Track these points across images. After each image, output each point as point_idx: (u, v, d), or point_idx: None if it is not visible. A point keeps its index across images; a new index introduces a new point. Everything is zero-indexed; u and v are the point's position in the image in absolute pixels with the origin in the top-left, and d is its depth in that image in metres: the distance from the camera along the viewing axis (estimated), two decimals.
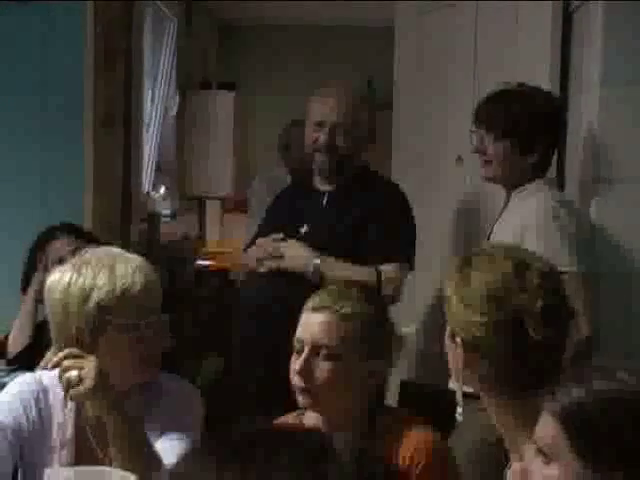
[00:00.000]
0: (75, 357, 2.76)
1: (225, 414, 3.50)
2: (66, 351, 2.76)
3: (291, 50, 9.19)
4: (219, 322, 5.74)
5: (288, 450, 1.13)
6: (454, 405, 2.69)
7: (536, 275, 2.49)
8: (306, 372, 2.95)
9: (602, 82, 4.31)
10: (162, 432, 2.91)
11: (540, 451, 1.88)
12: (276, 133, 8.00)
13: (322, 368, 2.95)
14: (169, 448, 2.84)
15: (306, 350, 2.96)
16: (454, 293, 2.54)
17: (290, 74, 8.65)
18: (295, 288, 3.78)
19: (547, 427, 1.87)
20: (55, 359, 2.76)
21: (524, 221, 3.88)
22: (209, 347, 5.63)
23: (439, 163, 4.81)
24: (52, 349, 2.92)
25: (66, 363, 2.71)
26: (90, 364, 2.72)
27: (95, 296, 2.83)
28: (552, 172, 4.51)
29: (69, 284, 2.86)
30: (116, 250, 3.00)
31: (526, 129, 3.98)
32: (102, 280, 2.84)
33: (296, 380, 2.96)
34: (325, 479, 1.04)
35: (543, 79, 4.52)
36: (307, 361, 2.95)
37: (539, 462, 1.88)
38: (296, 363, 2.97)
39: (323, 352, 2.95)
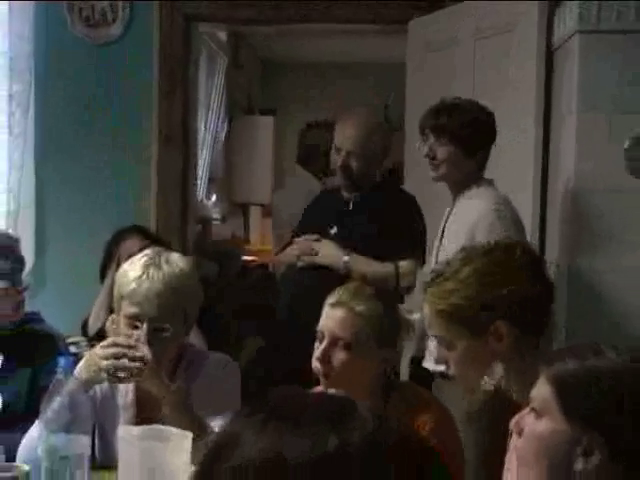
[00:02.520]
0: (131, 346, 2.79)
1: (261, 388, 3.50)
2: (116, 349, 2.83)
3: (321, 81, 9.19)
4: (260, 307, 5.73)
5: (318, 407, 1.12)
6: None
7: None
8: (324, 359, 2.98)
9: (579, 106, 4.32)
10: (206, 400, 2.93)
11: (533, 408, 1.90)
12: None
13: (338, 357, 2.97)
14: (213, 414, 2.87)
15: (325, 341, 2.99)
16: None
17: (320, 101, 8.62)
18: (325, 280, 3.76)
19: (542, 389, 1.89)
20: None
21: (474, 219, 3.86)
22: (250, 328, 5.61)
23: None
24: (122, 325, 2.96)
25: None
26: (144, 349, 2.80)
27: (119, 289, 2.95)
28: (536, 179, 4.54)
29: (120, 276, 2.98)
30: (159, 257, 3.01)
31: (469, 136, 3.95)
32: (125, 276, 2.93)
33: (316, 365, 2.99)
34: (352, 433, 1.03)
35: (531, 104, 4.51)
36: (325, 350, 2.98)
37: (531, 417, 1.91)
38: (317, 351, 3.00)
39: (339, 343, 2.97)
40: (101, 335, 4.26)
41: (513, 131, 4.19)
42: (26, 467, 2.46)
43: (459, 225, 3.94)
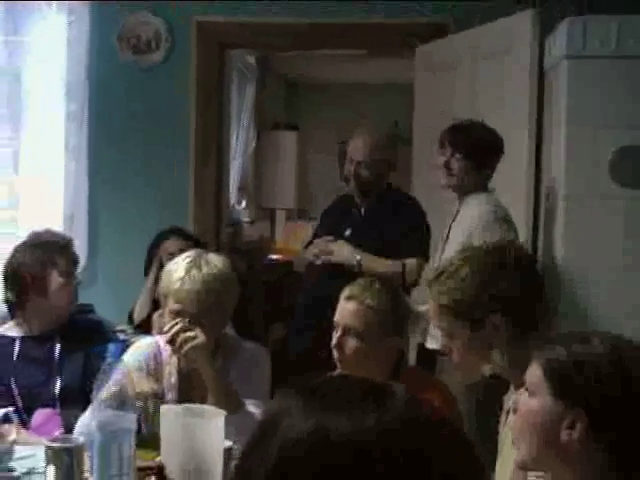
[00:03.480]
0: (186, 329, 2.79)
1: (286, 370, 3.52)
2: (181, 324, 2.83)
3: (338, 100, 9.17)
4: (283, 299, 5.73)
5: (357, 387, 1.12)
6: None
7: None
8: (339, 346, 3.01)
9: (567, 122, 4.32)
10: (241, 381, 2.94)
11: (527, 388, 1.93)
12: (327, 162, 8.00)
13: (350, 345, 3.00)
14: (246, 393, 2.88)
15: (339, 330, 3.00)
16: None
17: (338, 117, 8.62)
18: (340, 276, 3.77)
19: (534, 371, 1.91)
20: (173, 330, 2.85)
21: (474, 221, 3.95)
22: (275, 318, 5.62)
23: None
24: (166, 318, 2.96)
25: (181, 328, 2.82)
26: (198, 331, 2.80)
27: (165, 287, 2.98)
28: (530, 185, 4.54)
29: (166, 275, 3.01)
30: (199, 259, 3.01)
31: (481, 153, 4.07)
32: (170, 276, 2.96)
33: (334, 351, 3.01)
34: (388, 411, 1.03)
35: (524, 119, 4.50)
36: (340, 338, 3.01)
37: (525, 395, 1.93)
38: (334, 338, 3.01)
39: (352, 332, 2.99)
40: (144, 324, 4.30)
41: (509, 142, 4.18)
42: (81, 439, 2.48)
43: (461, 225, 4.01)
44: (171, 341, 2.87)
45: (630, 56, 4.22)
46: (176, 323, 2.87)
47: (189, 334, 2.84)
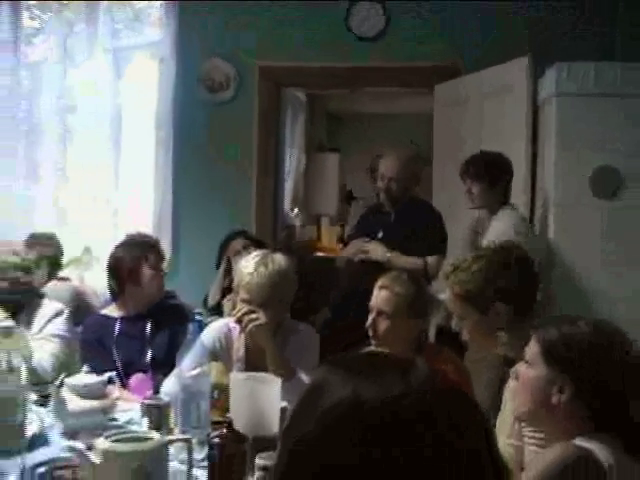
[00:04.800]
0: (252, 311, 2.82)
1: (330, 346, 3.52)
2: (246, 307, 2.85)
3: (371, 127, 9.15)
4: (328, 289, 5.72)
5: (386, 361, 1.13)
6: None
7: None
8: (373, 326, 3.02)
9: (556, 146, 4.32)
10: (294, 354, 2.95)
11: (526, 361, 1.95)
12: (362, 178, 7.99)
13: (382, 325, 3.02)
14: (299, 365, 2.89)
15: (373, 313, 3.02)
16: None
17: (370, 142, 8.60)
18: (374, 271, 3.77)
19: (532, 347, 1.94)
20: (240, 312, 2.87)
21: (500, 232, 3.90)
22: (321, 304, 5.61)
23: (457, 196, 4.78)
24: (238, 305, 2.98)
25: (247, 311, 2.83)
26: (260, 314, 2.81)
27: (238, 279, 2.99)
28: (527, 197, 4.54)
29: (239, 269, 3.01)
30: (266, 258, 3.02)
31: (490, 174, 4.09)
32: (242, 271, 2.97)
33: (369, 330, 3.02)
34: (412, 380, 1.04)
35: (522, 145, 4.49)
36: (374, 320, 3.03)
37: (524, 365, 1.95)
38: (368, 320, 3.03)
39: (383, 315, 3.00)
40: (216, 308, 4.31)
41: None
42: (167, 398, 2.50)
43: (492, 236, 3.96)
44: (239, 321, 2.90)
45: (605, 94, 4.24)
46: (243, 307, 2.90)
47: (253, 316, 2.86)
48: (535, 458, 2.04)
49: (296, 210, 8.36)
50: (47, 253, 4.50)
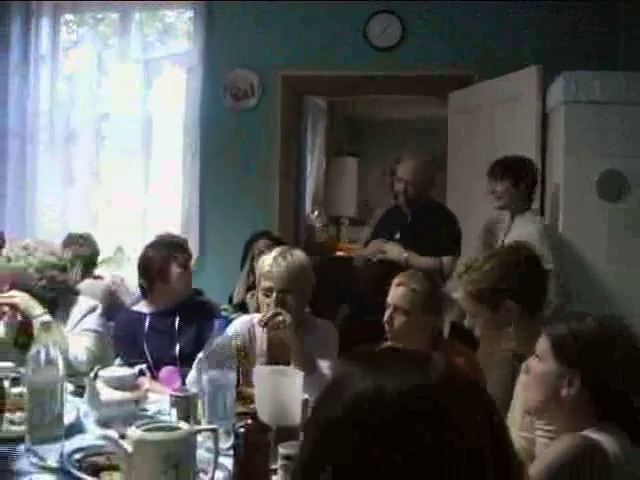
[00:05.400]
0: (277, 313, 2.84)
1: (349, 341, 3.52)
2: (272, 311, 2.87)
3: (389, 132, 9.13)
4: (347, 286, 5.71)
5: (405, 355, 1.13)
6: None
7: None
8: (390, 321, 3.03)
9: (564, 151, 4.32)
10: (315, 348, 2.95)
11: (537, 355, 1.94)
12: (379, 181, 7.98)
13: (398, 320, 3.02)
14: (319, 359, 2.90)
15: (390, 309, 3.02)
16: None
17: (388, 146, 8.58)
18: (391, 270, 3.77)
19: (542, 342, 1.94)
20: (267, 316, 2.88)
21: (525, 237, 3.83)
22: (341, 300, 5.59)
23: (471, 199, 4.78)
24: (259, 295, 3.00)
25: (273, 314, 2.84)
26: (286, 315, 2.83)
27: (259, 271, 3.03)
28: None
29: (260, 262, 3.06)
30: (285, 252, 3.05)
31: (517, 174, 4.05)
32: (262, 263, 3.01)
33: (385, 326, 3.02)
34: (430, 372, 1.04)
35: (532, 150, 4.47)
36: (390, 315, 3.02)
37: (535, 361, 1.95)
38: (385, 315, 3.03)
39: (399, 310, 3.00)
40: (241, 305, 4.32)
41: None
42: (195, 390, 2.51)
43: (514, 239, 3.95)
44: (265, 324, 2.90)
45: (611, 102, 4.23)
46: (268, 311, 2.90)
47: (279, 318, 2.86)
48: (544, 449, 2.03)
49: (316, 212, 8.37)
50: (82, 253, 4.53)
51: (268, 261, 2.99)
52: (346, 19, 5.45)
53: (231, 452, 2.09)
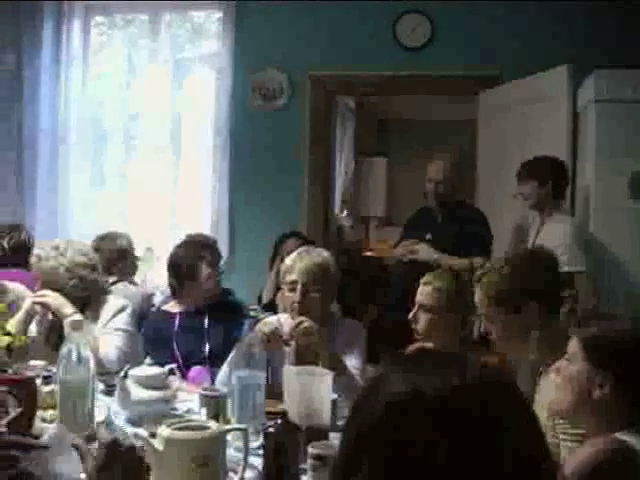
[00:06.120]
0: (300, 322, 2.83)
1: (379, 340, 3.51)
2: (296, 320, 2.86)
3: (418, 132, 9.10)
4: (376, 288, 5.71)
5: (442, 356, 1.16)
6: None
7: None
8: (416, 319, 3.04)
9: (596, 151, 4.30)
10: (343, 348, 2.95)
11: (567, 358, 1.93)
12: (409, 182, 7.95)
13: (422, 318, 3.03)
14: (348, 360, 2.89)
15: (416, 307, 3.04)
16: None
17: (417, 146, 8.55)
18: (421, 270, 3.76)
19: (573, 344, 1.92)
20: (290, 327, 2.87)
21: (557, 239, 3.87)
22: (370, 301, 5.60)
23: (501, 199, 4.75)
24: (285, 291, 3.03)
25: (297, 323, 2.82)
26: (309, 321, 2.82)
27: (284, 268, 3.05)
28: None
29: (285, 261, 3.09)
30: (309, 249, 3.09)
31: (543, 174, 4.06)
32: (286, 261, 3.05)
33: (412, 324, 3.02)
34: (467, 373, 1.05)
35: (563, 150, 4.43)
36: (416, 313, 3.04)
37: (565, 363, 1.93)
38: (411, 314, 3.03)
39: (423, 309, 3.01)
40: (270, 305, 4.33)
41: None
42: (224, 389, 2.52)
43: (546, 240, 3.95)
44: (291, 336, 2.88)
45: None
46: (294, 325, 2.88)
47: (305, 324, 2.82)
48: (570, 453, 2.01)
49: (345, 212, 8.37)
50: (111, 253, 4.54)
51: (292, 257, 3.04)
52: (375, 19, 5.45)
53: (260, 452, 2.10)
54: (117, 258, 4.47)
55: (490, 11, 5.25)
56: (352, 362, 2.89)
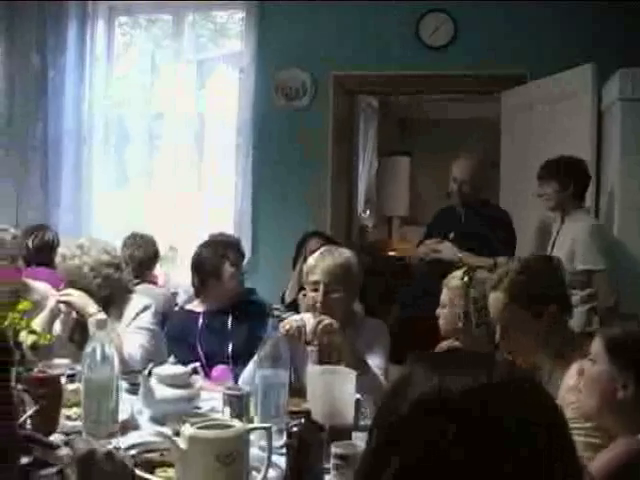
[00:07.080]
0: (321, 320, 2.82)
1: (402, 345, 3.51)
2: (317, 319, 2.83)
3: (441, 131, 9.07)
4: (399, 287, 5.69)
5: (467, 356, 1.16)
6: None
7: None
8: (439, 319, 3.08)
9: (621, 150, 4.28)
10: (366, 347, 2.94)
11: (590, 358, 1.94)
12: (432, 181, 7.93)
13: (443, 317, 3.09)
14: (371, 359, 2.88)
15: (440, 306, 3.07)
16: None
17: (440, 145, 8.52)
18: (445, 269, 3.74)
19: (596, 345, 1.92)
20: (312, 327, 2.83)
21: (575, 237, 3.88)
22: (393, 300, 5.59)
23: (524, 199, 4.73)
24: (308, 290, 3.04)
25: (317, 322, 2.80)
26: (331, 320, 2.80)
27: (306, 269, 3.05)
28: (592, 200, 4.46)
29: (308, 261, 3.10)
30: (332, 249, 3.09)
31: (564, 176, 4.01)
32: (309, 261, 3.06)
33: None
34: (493, 373, 1.05)
35: (587, 150, 4.41)
36: (439, 312, 3.10)
37: (589, 363, 1.94)
38: (437, 311, 3.08)
39: (445, 307, 3.07)
40: (293, 304, 4.32)
41: None
42: (248, 388, 2.51)
43: (565, 239, 3.95)
44: (313, 332, 2.87)
45: None
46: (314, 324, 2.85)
47: (326, 322, 2.80)
48: (593, 453, 1.99)
49: (368, 211, 8.36)
50: (138, 253, 4.57)
51: (314, 257, 3.04)
52: (398, 18, 5.44)
53: (284, 451, 2.10)
54: (148, 265, 4.54)
55: (513, 10, 5.23)
56: (375, 362, 2.88)
